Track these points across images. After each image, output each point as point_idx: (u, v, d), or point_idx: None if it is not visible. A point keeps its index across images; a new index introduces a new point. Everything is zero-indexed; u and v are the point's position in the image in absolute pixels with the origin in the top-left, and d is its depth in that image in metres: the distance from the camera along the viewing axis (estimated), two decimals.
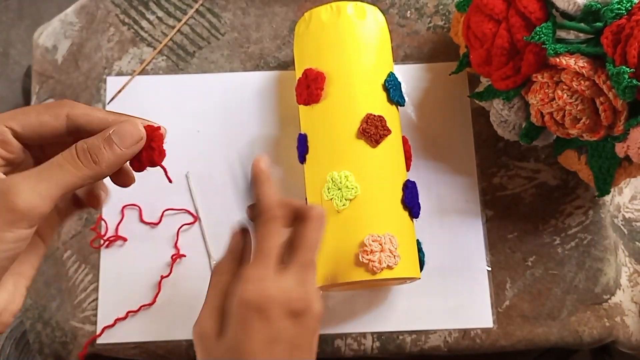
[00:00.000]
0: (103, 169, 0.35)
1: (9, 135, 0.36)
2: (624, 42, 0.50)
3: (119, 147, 0.36)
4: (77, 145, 0.35)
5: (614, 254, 0.66)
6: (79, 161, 0.35)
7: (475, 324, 0.64)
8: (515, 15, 0.56)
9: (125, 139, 0.36)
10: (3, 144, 0.36)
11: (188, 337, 0.64)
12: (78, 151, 0.35)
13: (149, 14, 0.74)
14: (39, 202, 0.33)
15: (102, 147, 0.35)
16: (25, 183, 0.33)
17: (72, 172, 0.34)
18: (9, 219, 0.32)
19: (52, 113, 0.36)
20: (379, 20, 0.63)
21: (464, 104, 0.70)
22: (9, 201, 0.32)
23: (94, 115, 0.37)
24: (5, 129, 0.36)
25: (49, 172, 0.34)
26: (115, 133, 0.36)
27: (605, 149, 0.58)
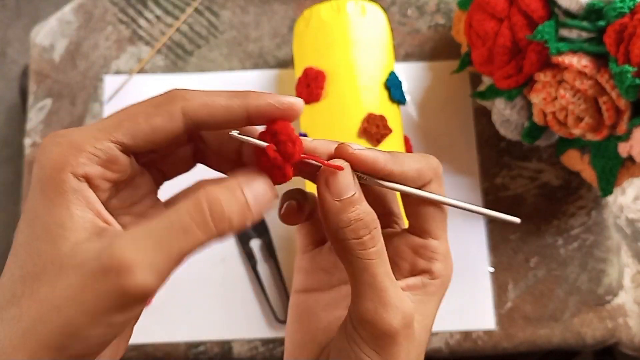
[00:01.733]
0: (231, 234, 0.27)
1: (115, 152, 0.28)
2: (626, 41, 0.49)
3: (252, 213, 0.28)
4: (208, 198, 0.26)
5: (616, 255, 0.66)
6: (211, 225, 0.26)
7: (477, 326, 0.63)
8: (517, 14, 0.55)
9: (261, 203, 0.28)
10: (109, 164, 0.28)
11: (186, 339, 0.63)
12: (212, 211, 0.26)
13: (147, 13, 0.74)
14: (155, 281, 0.25)
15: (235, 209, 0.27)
16: (140, 257, 0.24)
17: (198, 238, 0.26)
18: (118, 304, 0.25)
19: (165, 112, 0.28)
20: (379, 18, 0.62)
21: (466, 103, 0.69)
22: (119, 285, 0.24)
23: (216, 105, 0.28)
24: (111, 145, 0.27)
25: (171, 240, 0.25)
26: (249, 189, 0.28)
27: (608, 148, 0.57)
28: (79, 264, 0.25)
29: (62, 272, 0.25)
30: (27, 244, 0.26)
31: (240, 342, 0.64)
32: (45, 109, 0.71)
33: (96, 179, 0.27)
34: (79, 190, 0.27)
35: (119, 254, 0.24)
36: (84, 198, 0.27)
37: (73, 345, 0.25)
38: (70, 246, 0.26)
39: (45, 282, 0.25)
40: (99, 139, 0.27)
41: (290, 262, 0.65)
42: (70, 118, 0.70)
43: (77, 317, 0.24)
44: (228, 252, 0.66)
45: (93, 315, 0.24)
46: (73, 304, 0.24)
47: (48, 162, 0.27)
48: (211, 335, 0.63)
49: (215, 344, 0.63)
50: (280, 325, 0.63)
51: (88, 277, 0.25)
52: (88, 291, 0.24)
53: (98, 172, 0.27)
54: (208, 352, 0.63)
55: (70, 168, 0.26)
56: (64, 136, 0.27)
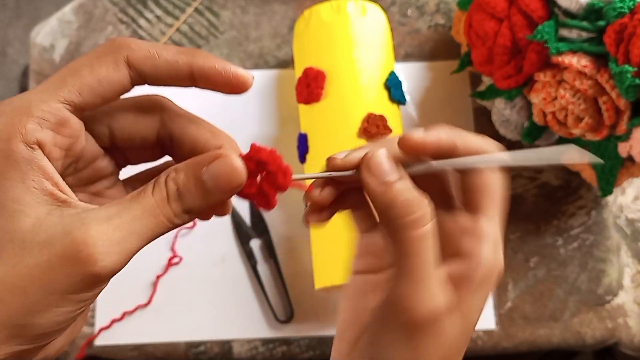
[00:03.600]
0: (191, 219, 0.28)
1: (65, 112, 0.26)
2: (626, 41, 0.49)
3: (213, 194, 0.27)
4: (167, 183, 0.27)
5: (616, 255, 0.66)
6: (169, 209, 0.26)
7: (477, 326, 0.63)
8: (517, 14, 0.55)
9: (221, 184, 0.27)
10: (60, 127, 0.26)
11: (186, 338, 0.63)
12: (169, 194, 0.26)
13: (147, 13, 0.74)
14: (125, 260, 0.26)
15: (193, 192, 0.27)
16: (112, 237, 0.25)
17: (164, 223, 0.26)
18: (89, 282, 0.25)
19: (110, 62, 0.27)
20: (379, 18, 0.62)
21: (466, 103, 0.69)
22: (92, 264, 0.24)
23: (161, 59, 0.27)
24: (59, 105, 0.26)
25: (142, 223, 0.26)
26: (208, 174, 0.27)
27: (608, 148, 0.57)
28: (44, 242, 0.24)
29: (25, 251, 0.24)
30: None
31: (240, 342, 0.64)
32: None
33: (48, 145, 0.25)
34: (32, 159, 0.25)
35: (89, 238, 0.24)
36: (39, 168, 0.25)
37: (36, 323, 0.24)
38: (31, 222, 0.24)
39: (4, 262, 0.24)
40: (45, 101, 0.25)
41: (290, 262, 0.65)
42: None
43: (45, 297, 0.24)
44: (228, 251, 0.66)
45: (62, 295, 0.24)
46: (40, 285, 0.24)
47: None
48: (211, 335, 0.63)
49: (215, 344, 0.63)
50: (280, 325, 0.63)
51: (56, 257, 0.24)
52: (57, 272, 0.24)
53: (50, 137, 0.26)
54: (208, 352, 0.63)
55: (20, 136, 0.25)
56: (8, 104, 0.25)
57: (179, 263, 0.65)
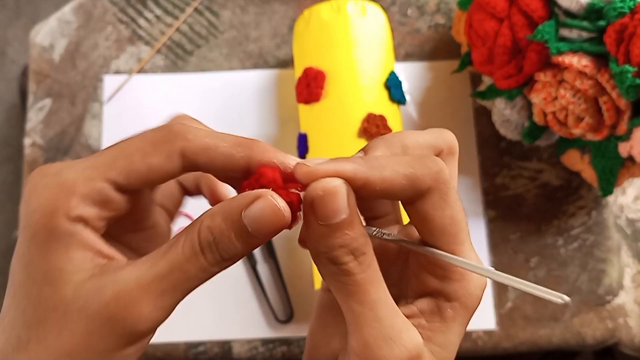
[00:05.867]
0: (230, 264, 0.27)
1: (110, 192, 0.26)
2: (627, 41, 0.49)
3: (256, 238, 0.26)
4: (199, 235, 0.26)
5: (617, 255, 0.66)
6: (203, 260, 0.26)
7: (477, 326, 0.63)
8: (517, 14, 0.55)
9: (264, 227, 0.25)
10: (104, 204, 0.26)
11: (186, 339, 0.63)
12: (203, 247, 0.25)
13: (146, 12, 0.74)
14: (162, 316, 0.26)
15: (232, 239, 0.25)
16: (146, 297, 0.25)
17: (195, 276, 0.26)
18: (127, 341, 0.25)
19: (163, 152, 0.26)
20: (379, 18, 0.62)
21: (466, 103, 0.69)
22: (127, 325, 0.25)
23: (217, 152, 0.26)
24: (105, 185, 0.26)
25: (170, 281, 0.25)
26: (248, 218, 0.25)
27: (609, 148, 0.57)
28: (82, 308, 0.25)
29: (67, 317, 0.25)
30: (25, 287, 0.26)
31: (240, 342, 0.63)
32: (45, 108, 0.71)
33: (91, 219, 0.26)
34: (74, 233, 0.25)
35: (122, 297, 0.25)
36: (80, 240, 0.26)
37: None
38: (72, 288, 0.25)
39: (51, 328, 0.25)
40: (92, 179, 0.26)
41: (290, 262, 0.65)
42: (70, 118, 0.70)
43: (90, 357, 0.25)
44: None
45: (105, 355, 0.25)
46: (83, 349, 0.25)
47: (38, 207, 0.25)
48: (211, 335, 0.63)
49: (215, 344, 0.63)
50: (280, 325, 0.63)
51: (92, 322, 0.25)
52: (95, 336, 0.25)
53: (93, 213, 0.26)
54: (208, 352, 0.63)
55: (63, 212, 0.25)
56: (54, 175, 0.26)
57: None
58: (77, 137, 0.69)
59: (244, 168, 0.27)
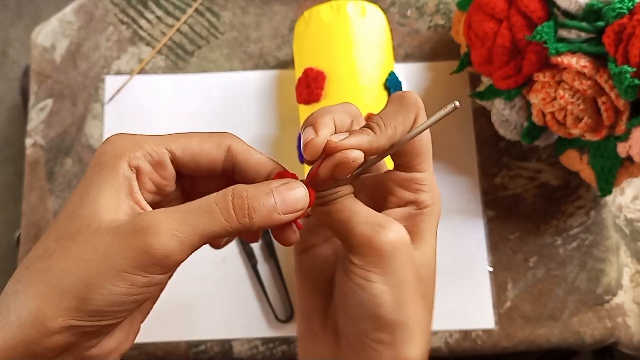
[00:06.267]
0: (253, 228, 0.30)
1: (167, 158, 0.32)
2: (625, 42, 0.50)
3: (278, 212, 0.31)
4: (234, 191, 0.30)
5: (615, 255, 0.66)
6: (232, 212, 0.30)
7: (476, 325, 0.64)
8: (516, 15, 0.55)
9: (288, 205, 0.31)
10: (159, 167, 0.32)
11: (187, 338, 0.63)
12: (235, 199, 0.30)
13: (147, 13, 0.74)
14: (178, 249, 0.28)
15: (262, 202, 0.30)
16: (168, 224, 0.28)
17: (221, 222, 0.29)
18: (142, 262, 0.28)
19: (215, 142, 0.33)
20: (379, 19, 0.62)
21: (465, 104, 0.70)
22: (145, 242, 0.28)
23: (253, 156, 0.34)
24: (165, 151, 0.32)
25: (196, 217, 0.29)
26: (278, 193, 0.31)
27: (607, 148, 0.57)
28: (113, 227, 0.29)
29: (97, 233, 0.29)
30: (72, 210, 0.30)
31: (240, 341, 0.64)
32: (47, 109, 0.72)
33: (144, 174, 0.32)
34: (129, 177, 0.31)
35: (149, 219, 0.28)
36: (130, 185, 0.31)
37: (94, 298, 0.28)
38: (111, 217, 0.29)
39: (79, 240, 0.29)
40: (156, 143, 0.32)
41: (290, 261, 0.65)
42: (72, 118, 0.71)
43: (103, 270, 0.28)
44: (228, 251, 0.66)
45: (117, 270, 0.28)
46: (101, 258, 0.28)
47: (111, 149, 0.31)
48: (211, 335, 0.64)
49: (215, 343, 0.64)
50: (280, 324, 0.64)
51: (119, 236, 0.28)
52: (116, 247, 0.28)
53: (147, 169, 0.32)
54: (208, 351, 0.63)
55: (127, 157, 0.31)
56: (129, 136, 0.32)
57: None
58: (79, 137, 0.70)
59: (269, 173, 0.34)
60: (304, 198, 0.31)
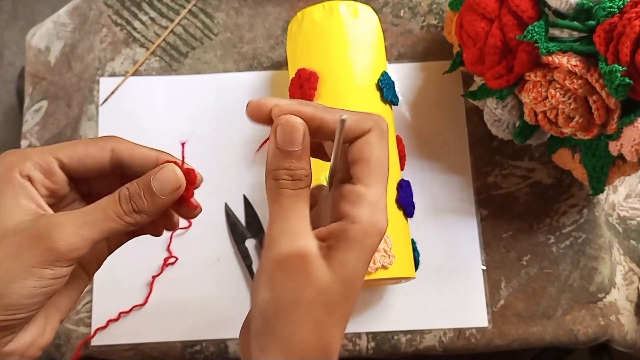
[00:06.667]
0: (143, 218, 0.35)
1: (55, 166, 0.35)
2: (616, 41, 0.50)
3: (159, 195, 0.35)
4: (120, 191, 0.35)
5: (608, 253, 0.66)
6: (120, 208, 0.34)
7: (470, 324, 0.64)
8: (507, 14, 0.56)
9: (166, 187, 0.35)
10: (49, 174, 0.35)
11: (183, 338, 0.64)
12: (120, 198, 0.35)
13: (141, 15, 0.74)
14: (80, 244, 0.33)
15: (142, 195, 0.35)
16: (70, 224, 0.33)
17: (114, 218, 0.34)
18: (49, 258, 0.32)
19: (99, 146, 0.36)
20: (372, 19, 0.63)
21: (458, 103, 0.70)
22: (51, 240, 0.32)
23: (137, 151, 0.37)
24: (52, 159, 0.35)
25: (93, 216, 0.34)
26: (155, 180, 0.35)
27: (599, 147, 0.58)
28: (20, 230, 0.33)
29: (5, 237, 0.33)
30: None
31: (235, 341, 0.64)
32: (41, 110, 0.72)
33: (37, 182, 0.35)
34: (24, 186, 0.34)
35: (54, 220, 0.33)
36: (28, 192, 0.34)
37: (7, 293, 0.32)
38: (16, 222, 0.33)
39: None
40: (43, 153, 0.35)
41: None
42: (66, 120, 0.71)
43: (13, 267, 0.32)
44: (223, 251, 0.66)
45: (27, 266, 0.32)
46: (11, 257, 0.32)
47: (2, 164, 0.35)
48: (207, 335, 0.64)
49: (211, 343, 0.64)
50: None
51: (25, 238, 0.32)
52: (24, 248, 0.32)
53: (39, 177, 0.35)
54: (204, 351, 0.64)
55: (18, 169, 0.34)
56: (18, 150, 0.36)
57: (174, 263, 0.65)
58: (73, 138, 0.70)
59: (154, 163, 0.37)
60: (175, 177, 0.36)
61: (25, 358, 0.35)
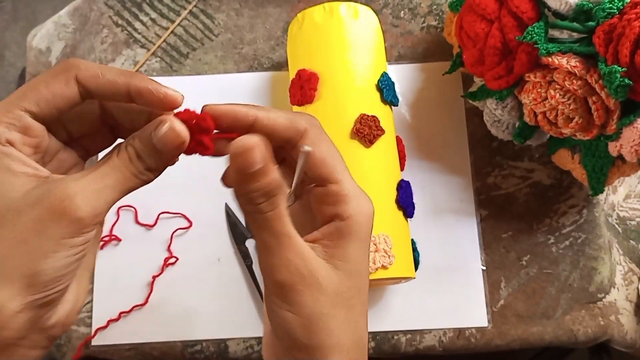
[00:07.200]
0: (155, 174, 0.33)
1: (28, 119, 0.32)
2: (615, 41, 0.50)
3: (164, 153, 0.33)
4: (127, 147, 0.32)
5: (608, 253, 0.66)
6: (132, 167, 0.32)
7: (470, 324, 0.64)
8: (507, 15, 0.56)
9: (168, 144, 0.32)
10: (25, 131, 0.32)
11: (183, 338, 0.64)
12: (131, 156, 0.32)
13: (142, 16, 0.74)
14: (104, 207, 0.31)
15: (148, 154, 0.32)
16: (88, 189, 0.30)
17: (131, 178, 0.32)
18: (76, 227, 0.30)
19: (62, 79, 0.32)
20: (372, 21, 0.63)
21: (458, 104, 0.70)
22: (75, 210, 0.30)
23: (104, 79, 0.32)
24: (22, 113, 0.31)
25: (112, 178, 0.31)
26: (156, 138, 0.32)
27: (599, 147, 0.58)
28: (34, 203, 0.30)
29: (20, 213, 0.30)
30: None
31: (236, 340, 0.64)
32: None
33: (18, 144, 0.31)
34: (9, 153, 0.31)
35: (69, 189, 0.30)
36: (17, 158, 0.31)
37: (43, 269, 0.30)
38: (22, 193, 0.30)
39: (6, 224, 0.30)
40: (10, 110, 0.31)
41: None
42: None
43: (43, 244, 0.29)
44: (223, 251, 0.66)
45: (56, 239, 0.30)
46: (37, 234, 0.29)
47: None
48: (207, 334, 0.64)
49: (211, 343, 0.64)
50: None
51: (45, 211, 0.30)
52: (48, 221, 0.29)
53: (18, 137, 0.31)
54: (204, 351, 0.64)
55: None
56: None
57: (175, 263, 0.66)
58: None
59: (125, 93, 0.33)
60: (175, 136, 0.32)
61: (66, 326, 0.33)
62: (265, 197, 0.32)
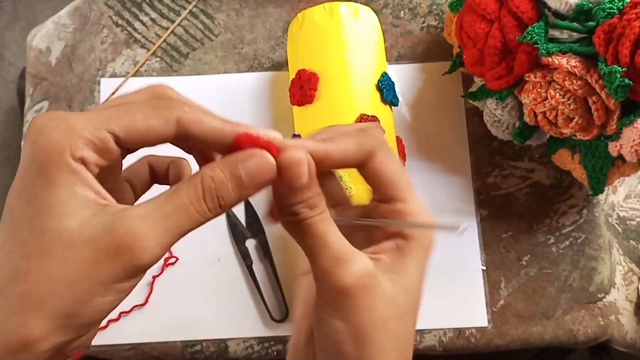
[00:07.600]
0: (223, 211, 0.30)
1: (110, 142, 0.29)
2: (615, 41, 0.50)
3: (247, 189, 0.30)
4: (202, 181, 0.29)
5: (608, 253, 0.66)
6: (204, 204, 0.29)
7: (470, 324, 0.64)
8: (507, 15, 0.56)
9: (256, 178, 0.30)
10: (103, 153, 0.29)
11: (183, 338, 0.64)
12: (205, 192, 0.29)
13: (142, 16, 0.74)
14: (161, 253, 0.28)
15: (230, 188, 0.29)
16: (151, 232, 0.27)
17: (197, 218, 0.29)
18: (130, 273, 0.28)
19: (162, 117, 0.29)
20: (372, 21, 0.63)
21: (458, 104, 0.70)
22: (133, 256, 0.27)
23: (208, 126, 0.30)
24: (108, 135, 0.28)
25: (175, 220, 0.28)
26: (244, 170, 0.29)
27: (599, 147, 0.58)
28: (89, 239, 0.27)
29: (73, 247, 0.27)
30: (27, 220, 0.27)
31: (236, 340, 0.64)
32: (42, 111, 0.72)
33: (91, 164, 0.28)
34: (78, 171, 0.28)
35: (131, 230, 0.27)
36: (83, 179, 0.28)
37: (83, 313, 0.27)
38: (78, 222, 0.27)
39: (54, 257, 0.27)
40: (97, 128, 0.28)
41: (285, 262, 0.66)
42: None
43: (91, 287, 0.27)
44: (224, 251, 0.66)
45: (106, 284, 0.27)
46: (87, 277, 0.27)
47: (48, 144, 0.27)
48: (207, 335, 0.64)
49: (211, 343, 0.64)
50: (275, 324, 0.64)
51: (100, 252, 0.27)
52: (101, 265, 0.27)
53: (93, 158, 0.28)
54: (204, 351, 0.64)
55: (70, 151, 0.27)
56: (62, 120, 0.28)
57: (175, 263, 0.66)
58: None
59: (229, 142, 0.30)
60: (269, 168, 0.30)
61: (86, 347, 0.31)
62: (308, 207, 0.31)
